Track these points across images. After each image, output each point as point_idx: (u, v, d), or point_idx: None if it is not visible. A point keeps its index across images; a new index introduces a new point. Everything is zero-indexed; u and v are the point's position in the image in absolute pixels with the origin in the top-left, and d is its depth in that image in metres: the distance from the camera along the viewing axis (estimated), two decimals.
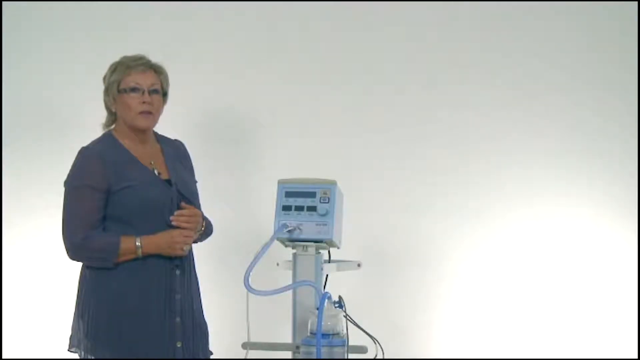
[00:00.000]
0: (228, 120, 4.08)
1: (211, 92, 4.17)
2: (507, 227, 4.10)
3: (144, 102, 3.06)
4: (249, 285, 2.88)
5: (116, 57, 4.11)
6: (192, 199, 3.17)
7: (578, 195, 4.07)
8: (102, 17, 4.20)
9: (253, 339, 3.04)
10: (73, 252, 3.00)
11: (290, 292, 3.04)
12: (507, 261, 4.09)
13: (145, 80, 3.08)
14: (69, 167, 3.07)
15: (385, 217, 4.12)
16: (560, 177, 4.08)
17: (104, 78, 3.13)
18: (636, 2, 4.06)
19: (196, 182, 3.28)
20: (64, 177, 3.07)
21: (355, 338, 2.97)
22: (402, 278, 4.11)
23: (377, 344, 2.98)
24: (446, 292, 4.11)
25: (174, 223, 3.06)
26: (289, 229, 3.07)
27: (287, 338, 3.12)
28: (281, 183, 3.17)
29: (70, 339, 3.09)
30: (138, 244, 2.99)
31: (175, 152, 3.23)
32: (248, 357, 3.06)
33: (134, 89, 3.06)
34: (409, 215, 4.12)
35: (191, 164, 3.29)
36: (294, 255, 3.10)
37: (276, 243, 3.07)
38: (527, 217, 4.09)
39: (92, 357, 2.99)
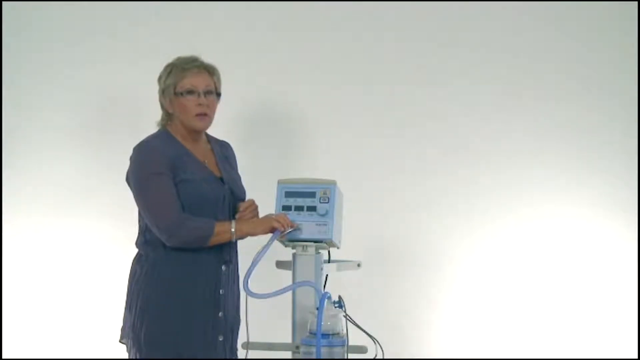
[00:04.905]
0: (227, 120, 4.07)
1: None
2: (507, 227, 4.09)
3: (199, 104, 3.13)
4: (248, 289, 2.89)
5: (116, 57, 4.16)
6: (243, 197, 3.24)
7: (578, 195, 4.07)
8: (102, 17, 4.19)
9: (253, 339, 3.04)
10: (172, 232, 3.01)
11: (290, 292, 3.04)
12: (507, 261, 4.09)
13: (200, 82, 3.14)
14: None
15: (385, 217, 4.12)
16: (560, 177, 4.08)
17: (159, 80, 3.19)
18: (636, 2, 4.06)
19: None
20: (64, 177, 3.06)
21: (355, 338, 2.97)
22: (402, 278, 4.10)
23: (377, 344, 2.98)
24: (446, 292, 4.11)
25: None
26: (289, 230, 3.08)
27: (287, 338, 3.12)
28: (281, 183, 3.17)
29: (121, 330, 3.15)
30: (233, 229, 3.04)
31: (224, 153, 3.30)
32: (248, 357, 3.06)
33: (190, 92, 3.13)
34: (409, 215, 4.12)
35: (237, 165, 3.35)
36: (294, 255, 3.10)
37: (276, 243, 3.07)
38: (527, 217, 4.09)
39: (136, 349, 3.04)
